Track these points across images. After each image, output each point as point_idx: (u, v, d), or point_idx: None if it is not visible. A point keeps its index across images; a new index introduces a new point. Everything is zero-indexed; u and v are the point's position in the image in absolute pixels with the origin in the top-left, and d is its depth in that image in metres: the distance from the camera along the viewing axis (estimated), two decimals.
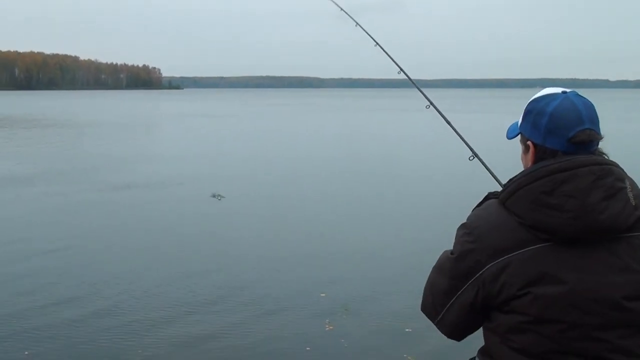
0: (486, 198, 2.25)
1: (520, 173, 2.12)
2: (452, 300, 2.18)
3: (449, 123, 3.81)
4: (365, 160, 21.79)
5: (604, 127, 2.19)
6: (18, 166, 19.88)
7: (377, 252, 9.76)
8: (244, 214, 12.54)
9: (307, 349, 6.08)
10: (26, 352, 5.94)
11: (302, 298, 7.54)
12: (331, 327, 6.60)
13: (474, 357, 2.29)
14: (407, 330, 6.55)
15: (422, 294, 2.34)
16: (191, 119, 50.81)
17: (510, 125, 2.34)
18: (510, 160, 3.29)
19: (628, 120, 43.73)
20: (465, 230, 2.16)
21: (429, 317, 2.30)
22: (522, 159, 2.26)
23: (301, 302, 7.41)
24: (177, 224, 11.62)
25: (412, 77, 4.42)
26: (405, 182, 16.90)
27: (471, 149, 3.40)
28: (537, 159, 2.14)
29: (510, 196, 2.08)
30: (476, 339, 2.30)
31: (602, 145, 2.16)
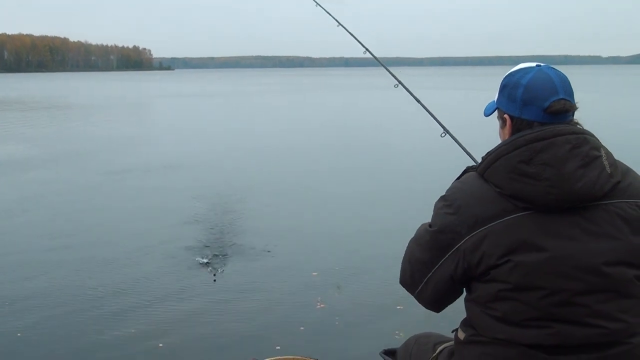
0: (465, 171, 2.28)
1: (497, 145, 2.16)
2: (431, 273, 2.22)
3: (418, 101, 3.88)
4: (347, 138, 21.89)
5: (602, 103, 2.23)
6: (13, 149, 19.83)
7: (365, 230, 9.83)
8: (229, 194, 12.54)
9: (301, 328, 6.11)
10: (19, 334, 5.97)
11: (293, 277, 7.58)
12: (323, 306, 6.64)
13: (457, 329, 2.33)
14: (398, 307, 6.60)
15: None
16: (187, 99, 50.74)
17: (488, 104, 2.37)
18: (483, 135, 3.33)
19: (622, 95, 43.93)
20: (445, 202, 2.19)
21: (407, 290, 2.34)
22: (499, 135, 2.30)
23: (292, 281, 7.45)
24: (174, 205, 11.63)
25: (401, 55, 4.47)
26: (382, 159, 17.01)
27: (442, 127, 3.45)
28: (514, 132, 2.18)
29: (489, 167, 2.12)
30: (463, 313, 2.33)
31: (599, 120, 2.20)
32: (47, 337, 5.89)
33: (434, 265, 2.20)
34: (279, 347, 5.66)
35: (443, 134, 3.46)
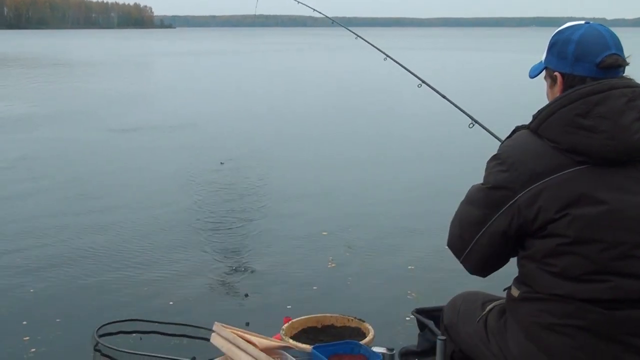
0: (514, 131, 2.25)
1: (550, 102, 2.14)
2: (482, 230, 2.19)
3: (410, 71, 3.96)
4: (355, 100, 21.72)
5: None
6: (17, 106, 19.70)
7: (373, 191, 9.78)
8: (236, 155, 12.47)
9: (314, 288, 6.10)
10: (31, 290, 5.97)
11: (302, 236, 7.56)
12: (334, 265, 6.63)
13: (509, 287, 2.30)
14: (409, 267, 6.60)
15: (448, 230, 2.36)
16: (190, 58, 50.32)
17: (532, 66, 2.36)
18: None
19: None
20: (498, 161, 2.16)
21: (455, 252, 2.31)
22: (547, 95, 2.27)
23: (302, 240, 7.43)
24: (180, 166, 11.58)
25: (408, 16, 4.53)
26: (391, 122, 16.91)
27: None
28: (566, 88, 2.16)
29: (543, 123, 2.10)
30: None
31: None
32: (58, 297, 5.86)
33: (486, 222, 2.18)
34: (289, 306, 5.66)
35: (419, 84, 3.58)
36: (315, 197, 9.51)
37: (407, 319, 5.42)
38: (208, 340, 2.87)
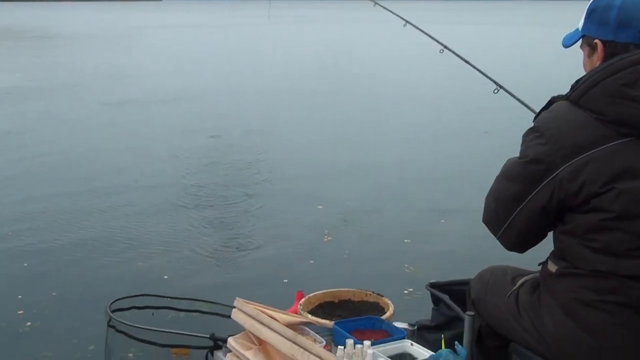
0: (550, 102, 2.13)
1: (590, 72, 2.01)
2: (521, 206, 2.08)
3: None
4: (354, 75, 21.45)
5: None
6: (6, 78, 19.29)
7: (373, 167, 9.64)
8: (231, 129, 12.27)
9: (311, 262, 5.99)
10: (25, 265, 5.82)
11: (298, 210, 7.43)
12: (330, 239, 6.53)
13: (545, 261, 2.20)
14: (406, 241, 6.51)
15: (483, 206, 2.23)
16: (179, 30, 49.61)
17: (566, 34, 2.24)
18: None
19: None
20: (537, 133, 2.04)
21: (491, 229, 2.20)
22: (584, 65, 2.15)
23: (297, 214, 7.30)
24: (175, 140, 11.38)
25: None
26: (390, 95, 16.71)
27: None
28: (607, 57, 2.04)
29: (585, 93, 1.98)
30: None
31: None
32: (52, 272, 5.68)
33: (525, 197, 2.07)
34: (286, 280, 5.55)
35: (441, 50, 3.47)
36: (311, 171, 9.36)
37: (405, 292, 5.34)
38: (221, 315, 2.76)
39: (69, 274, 5.63)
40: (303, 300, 2.76)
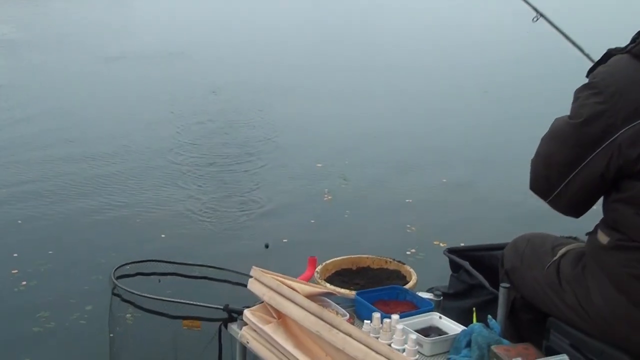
0: (607, 55, 1.88)
1: None
2: (575, 172, 1.85)
3: None
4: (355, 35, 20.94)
5: None
6: None
7: (372, 124, 9.37)
8: (231, 86, 11.89)
9: (312, 221, 5.79)
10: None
11: (297, 169, 7.21)
12: (330, 198, 6.33)
13: (594, 231, 1.98)
14: (407, 200, 6.32)
15: (530, 169, 2.01)
16: None
17: None
18: None
19: None
20: (593, 90, 1.80)
21: (540, 194, 1.97)
22: None
23: (296, 173, 7.08)
24: (172, 95, 11.03)
25: None
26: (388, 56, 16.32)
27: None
28: None
29: None
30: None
31: None
32: (48, 231, 5.45)
33: (579, 163, 1.84)
34: (286, 240, 5.37)
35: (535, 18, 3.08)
36: (312, 129, 9.09)
37: (408, 253, 5.17)
38: (232, 283, 2.56)
39: (65, 232, 5.41)
40: (320, 267, 2.55)
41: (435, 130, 9.04)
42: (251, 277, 2.15)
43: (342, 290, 2.34)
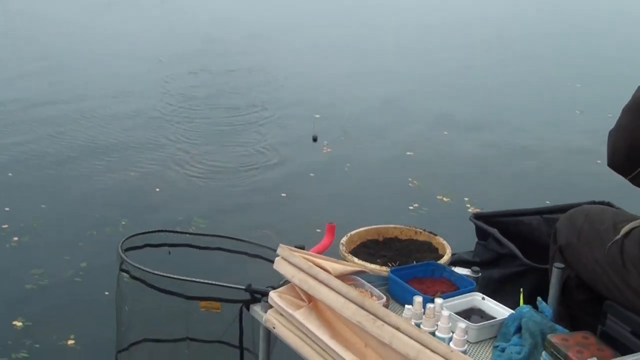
0: None
1: None
2: None
3: None
4: None
5: None
6: None
7: (375, 75, 9.05)
8: (226, 33, 11.44)
9: (311, 174, 5.55)
10: None
11: (294, 120, 6.93)
12: (329, 150, 6.08)
13: None
14: (408, 153, 6.09)
15: (609, 143, 1.75)
16: None
17: None
18: None
19: None
20: None
21: (621, 171, 1.72)
22: None
23: (294, 123, 6.81)
24: (166, 41, 10.61)
25: None
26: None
27: None
28: None
29: None
30: None
31: None
32: (39, 184, 5.16)
33: None
34: (284, 194, 5.13)
35: None
36: (310, 78, 8.75)
37: (411, 207, 4.97)
38: (249, 255, 2.32)
39: (58, 185, 5.12)
40: (345, 239, 2.32)
41: (436, 76, 8.80)
42: (279, 255, 1.91)
43: (374, 267, 2.11)
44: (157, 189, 5.11)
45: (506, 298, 2.09)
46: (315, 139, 4.93)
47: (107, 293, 3.44)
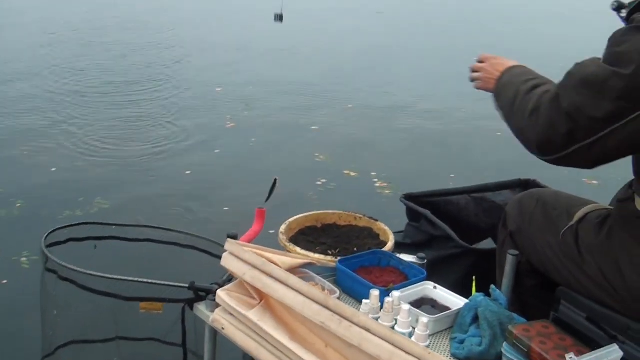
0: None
1: None
2: (611, 128, 1.51)
3: None
4: None
5: None
6: None
7: (276, 48, 8.83)
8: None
9: (216, 151, 5.36)
10: None
11: (196, 93, 6.68)
12: (233, 125, 5.90)
13: (627, 197, 1.69)
14: (313, 128, 6.00)
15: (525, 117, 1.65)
16: None
17: None
18: None
19: None
20: None
21: (550, 149, 1.60)
22: None
23: (196, 97, 6.57)
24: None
25: None
26: None
27: None
28: None
29: None
30: None
31: None
32: None
33: (618, 119, 1.50)
34: (189, 172, 4.93)
35: None
36: (212, 51, 8.45)
37: (319, 183, 4.89)
38: (181, 245, 2.16)
39: None
40: (284, 227, 2.19)
41: (339, 54, 8.71)
42: (227, 251, 1.76)
43: (320, 257, 2.00)
44: (53, 169, 4.79)
45: (440, 280, 2.03)
46: (279, 18, 4.37)
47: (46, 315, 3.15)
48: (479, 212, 2.84)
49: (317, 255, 1.99)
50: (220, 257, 1.83)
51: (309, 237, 2.23)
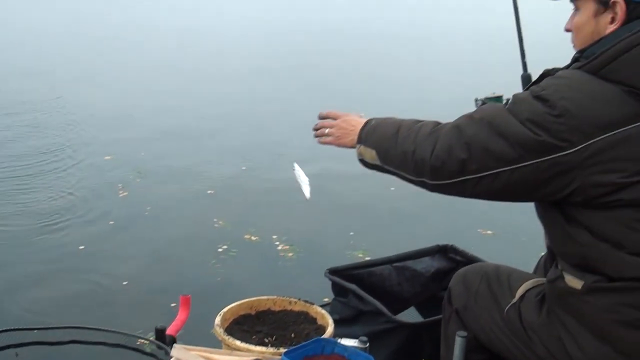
0: (544, 75, 1.64)
1: (608, 36, 1.59)
2: (504, 169, 1.58)
3: None
4: None
5: None
6: None
7: (168, 105, 8.63)
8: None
9: (110, 222, 5.12)
10: None
11: (84, 163, 6.41)
12: (125, 194, 5.70)
13: (558, 276, 1.70)
14: (209, 192, 5.85)
15: None
16: None
17: None
18: None
19: None
20: (546, 103, 1.53)
21: (441, 174, 1.65)
22: (579, 27, 1.68)
23: (84, 168, 6.30)
24: None
25: None
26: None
27: None
28: (630, 20, 1.59)
29: (610, 62, 1.52)
30: None
31: None
32: None
33: (512, 163, 1.56)
34: (82, 247, 4.65)
35: None
36: (96, 117, 8.16)
37: (220, 250, 4.76)
38: (110, 345, 1.99)
39: None
40: (219, 318, 2.08)
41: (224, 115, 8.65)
42: (173, 357, 1.63)
43: (263, 349, 1.90)
44: None
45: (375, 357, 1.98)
46: None
47: None
48: (402, 281, 2.85)
49: (259, 348, 1.89)
50: (152, 355, 1.71)
51: (243, 326, 2.13)
